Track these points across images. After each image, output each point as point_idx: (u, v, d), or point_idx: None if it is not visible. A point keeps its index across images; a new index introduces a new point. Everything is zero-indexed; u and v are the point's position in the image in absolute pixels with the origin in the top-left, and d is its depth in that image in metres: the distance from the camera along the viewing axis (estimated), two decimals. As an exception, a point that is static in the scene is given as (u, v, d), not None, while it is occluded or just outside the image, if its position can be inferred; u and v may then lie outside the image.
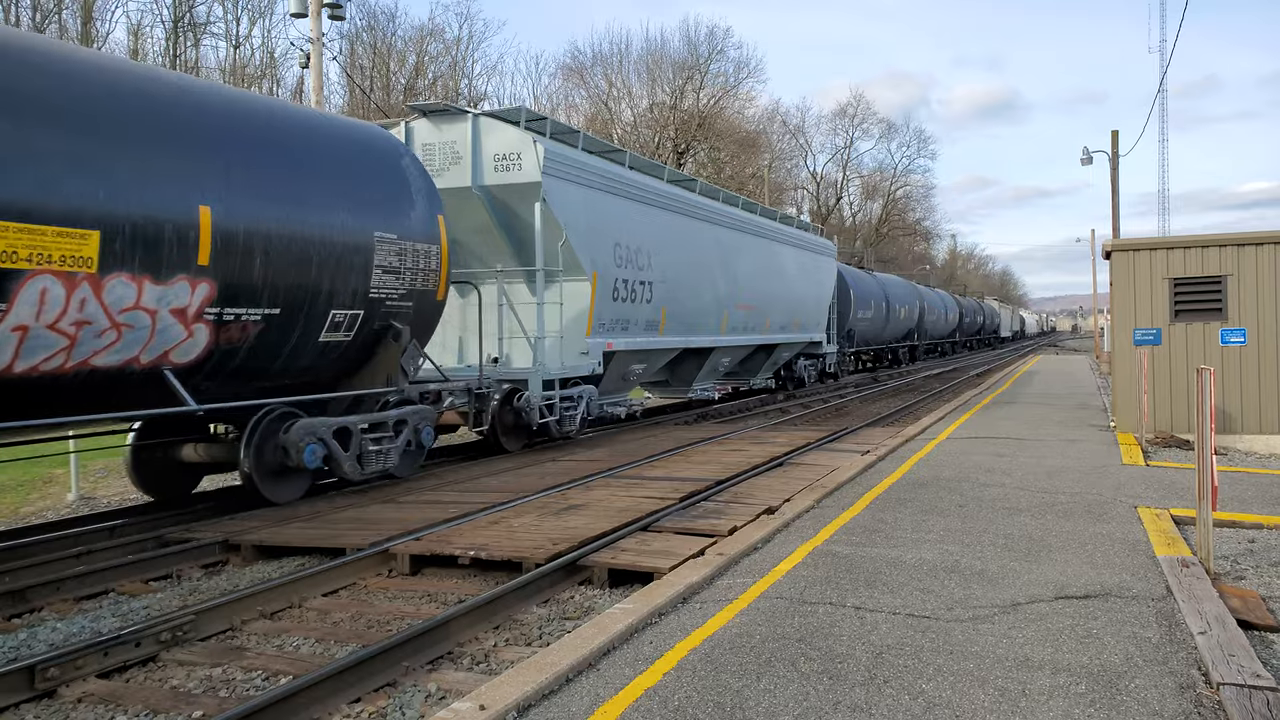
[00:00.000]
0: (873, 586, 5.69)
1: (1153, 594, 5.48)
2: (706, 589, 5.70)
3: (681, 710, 3.94)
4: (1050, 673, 4.30)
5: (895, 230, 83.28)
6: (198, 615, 5.73)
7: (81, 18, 35.92)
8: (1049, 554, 6.43)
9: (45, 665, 4.87)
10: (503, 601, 5.96)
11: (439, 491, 9.58)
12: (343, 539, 7.47)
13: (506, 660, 5.18)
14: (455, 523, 7.90)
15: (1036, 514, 7.76)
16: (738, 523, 7.56)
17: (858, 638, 4.79)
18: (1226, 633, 4.69)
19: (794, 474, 10.28)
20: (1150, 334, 13.02)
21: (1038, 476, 9.65)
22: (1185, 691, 4.06)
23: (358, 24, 42.27)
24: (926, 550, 6.56)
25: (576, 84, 51.21)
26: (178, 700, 4.76)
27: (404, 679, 4.92)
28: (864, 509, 8.03)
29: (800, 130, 70.58)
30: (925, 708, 3.92)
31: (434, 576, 7.02)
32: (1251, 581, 6.08)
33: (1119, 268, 13.27)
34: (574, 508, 8.42)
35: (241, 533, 7.83)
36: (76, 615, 6.36)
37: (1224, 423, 12.41)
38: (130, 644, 5.28)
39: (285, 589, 6.38)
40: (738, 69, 53.79)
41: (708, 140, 50.54)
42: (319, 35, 19.86)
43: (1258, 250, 12.61)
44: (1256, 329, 12.54)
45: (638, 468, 10.92)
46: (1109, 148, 32.22)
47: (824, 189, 74.62)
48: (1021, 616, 5.10)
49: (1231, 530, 7.46)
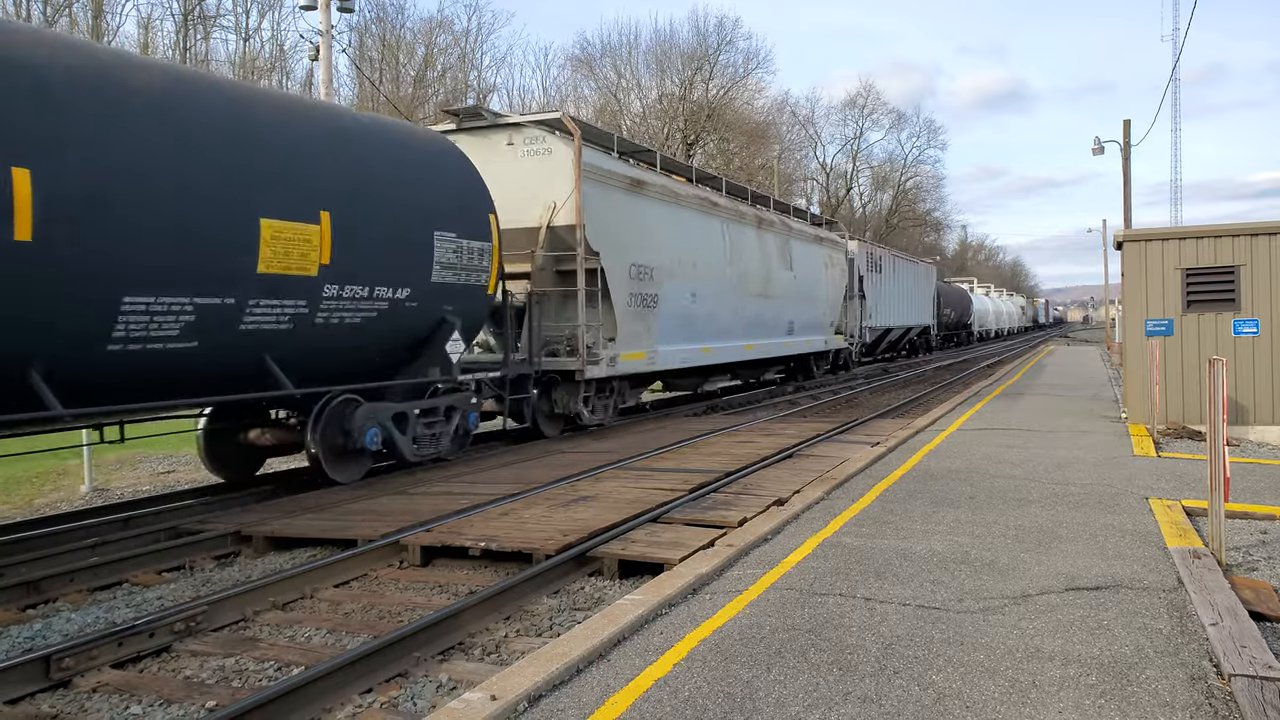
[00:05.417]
0: (882, 578, 5.68)
1: (1164, 585, 5.46)
2: (716, 580, 5.71)
3: (691, 701, 3.95)
4: (1061, 664, 4.29)
5: (905, 221, 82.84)
6: (211, 606, 5.77)
7: (92, 11, 36.00)
8: (1059, 545, 6.41)
9: (60, 655, 4.91)
10: (513, 592, 5.99)
11: (449, 483, 9.61)
12: (354, 530, 7.51)
13: (517, 651, 5.20)
14: (466, 514, 7.93)
15: (1047, 505, 7.74)
16: (747, 514, 7.56)
17: (867, 629, 4.79)
18: (1238, 624, 4.67)
19: (804, 465, 10.27)
20: (1162, 325, 12.94)
21: (1048, 468, 9.62)
22: (1197, 683, 4.05)
23: (367, 16, 42.30)
24: (936, 541, 6.55)
25: (585, 75, 51.11)
26: (191, 690, 4.80)
27: (415, 669, 4.95)
28: (874, 500, 8.02)
29: (810, 121, 70.38)
30: (935, 699, 3.93)
31: (445, 567, 7.05)
32: (1264, 573, 6.05)
33: (1131, 258, 13.19)
34: (584, 499, 8.43)
35: (254, 524, 7.87)
36: (91, 606, 6.41)
37: (1236, 414, 12.34)
38: (144, 634, 5.32)
39: (297, 580, 6.41)
40: (747, 60, 53.57)
41: (717, 131, 50.38)
42: (328, 27, 19.89)
43: (1271, 240, 12.51)
44: (1269, 319, 12.46)
45: (647, 459, 10.92)
46: (1120, 137, 32.02)
47: (834, 180, 74.41)
48: (1032, 608, 5.09)
49: (1244, 521, 7.42)
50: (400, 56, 44.19)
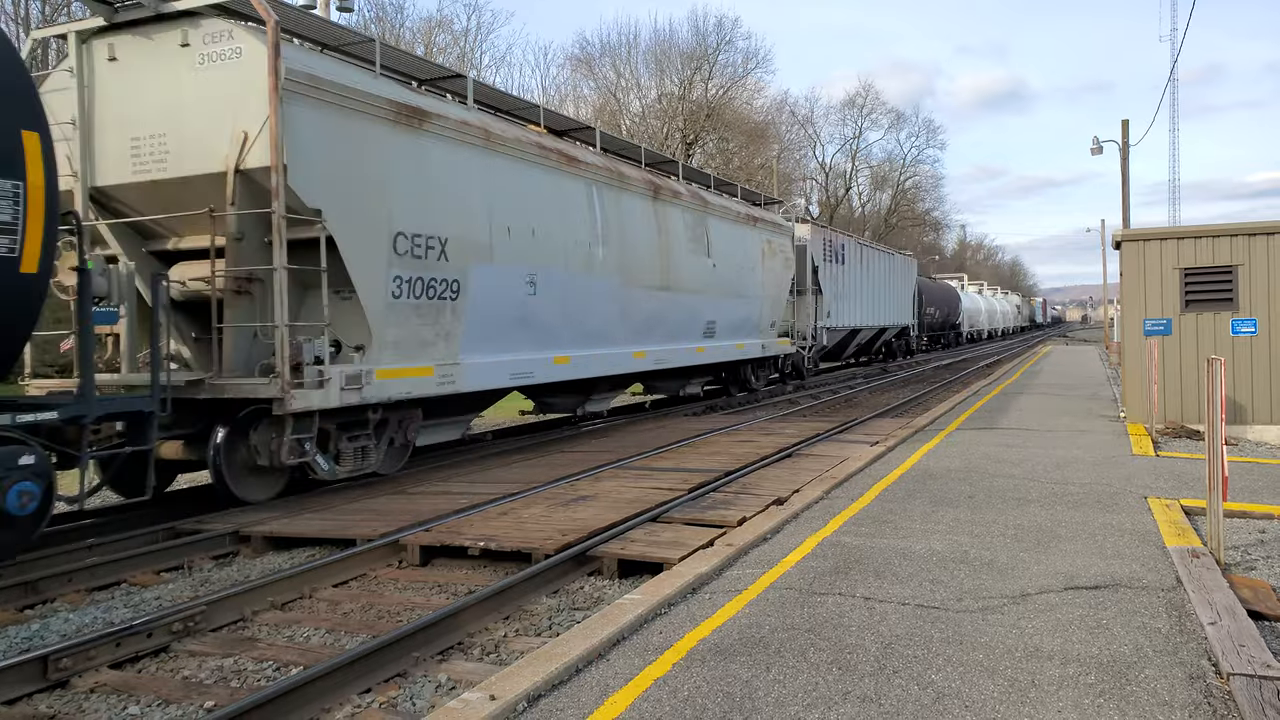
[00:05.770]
0: (882, 577, 5.68)
1: (1163, 584, 5.46)
2: (716, 579, 5.71)
3: (691, 700, 3.94)
4: (1060, 663, 4.29)
5: (904, 221, 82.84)
6: (209, 606, 5.77)
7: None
8: (1058, 544, 6.41)
9: (58, 656, 4.90)
10: (512, 592, 5.98)
11: (449, 482, 9.61)
12: (353, 530, 7.51)
13: (516, 650, 5.19)
14: (465, 514, 7.92)
15: (1046, 505, 7.74)
16: (747, 513, 7.56)
17: (867, 628, 4.79)
18: (1237, 623, 4.67)
19: (803, 465, 10.27)
20: (1160, 324, 12.95)
21: (1047, 467, 9.63)
22: (1195, 682, 4.05)
23: (366, 16, 42.20)
24: (936, 541, 6.55)
25: (585, 75, 51.01)
26: (189, 691, 4.79)
27: (414, 669, 4.94)
28: (873, 500, 8.02)
29: (809, 121, 70.33)
30: (935, 698, 3.92)
31: (444, 567, 7.04)
32: (1262, 572, 6.06)
33: (1129, 258, 13.19)
34: (583, 499, 8.43)
35: (252, 524, 7.86)
36: (88, 606, 6.40)
37: (1234, 413, 12.34)
38: (142, 635, 5.32)
39: (296, 580, 6.41)
40: (746, 59, 53.50)
41: (716, 131, 50.35)
42: (326, 27, 19.77)
43: (1269, 240, 12.51)
44: (1267, 319, 12.46)
45: (646, 459, 10.92)
46: (1119, 137, 32.05)
47: (833, 179, 74.37)
48: (1031, 607, 5.09)
49: (1242, 520, 7.43)
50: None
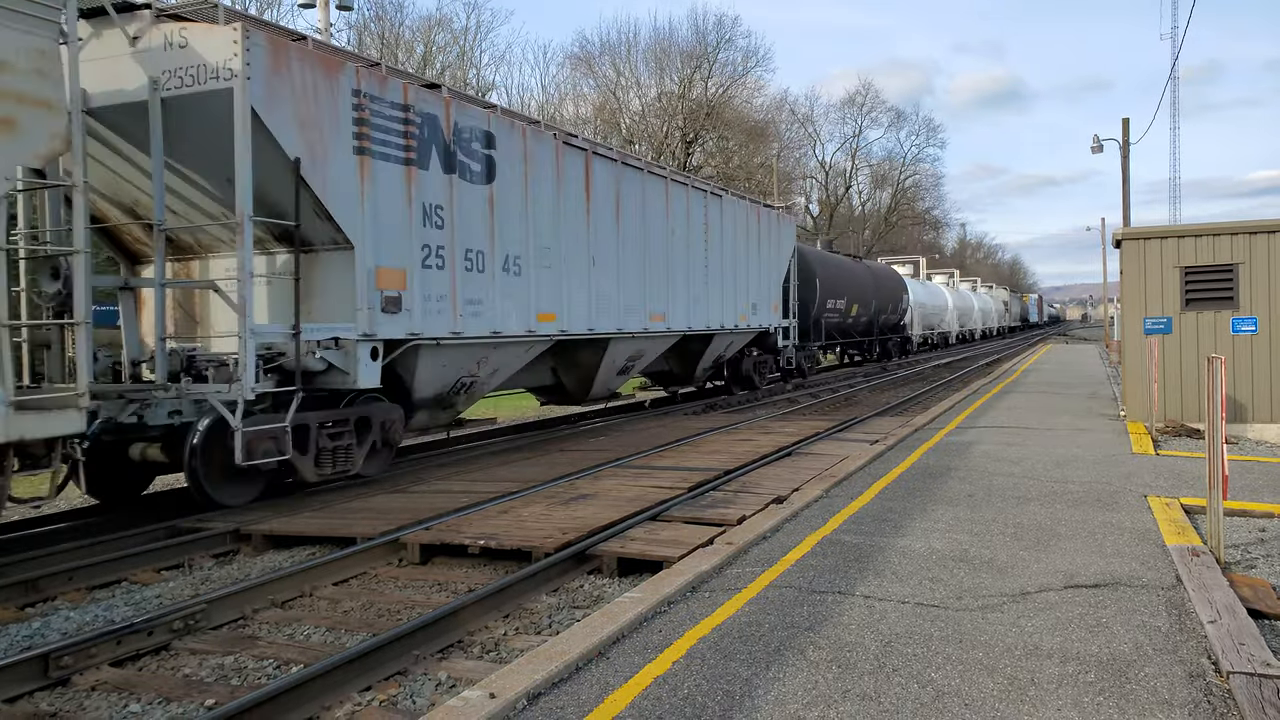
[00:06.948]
0: (881, 575, 5.69)
1: (1162, 583, 5.46)
2: (716, 578, 5.71)
3: (690, 698, 3.95)
4: (1059, 661, 4.29)
5: (904, 219, 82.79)
6: (210, 604, 5.77)
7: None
8: (1058, 543, 6.42)
9: (59, 654, 4.91)
10: (512, 590, 5.99)
11: (448, 481, 9.61)
12: (353, 528, 7.51)
13: (516, 649, 5.20)
14: (465, 512, 7.93)
15: (1046, 503, 7.75)
16: (746, 512, 7.57)
17: (866, 626, 4.79)
18: (1236, 621, 4.68)
19: (803, 463, 10.27)
20: (1161, 323, 12.95)
21: (1047, 466, 9.63)
22: (1195, 680, 4.06)
23: (365, 14, 42.15)
24: (935, 539, 6.55)
25: (584, 73, 50.90)
26: (190, 688, 4.80)
27: (414, 667, 4.95)
28: (873, 498, 8.02)
29: (809, 119, 70.21)
30: (934, 696, 3.93)
31: (444, 565, 7.05)
32: (1262, 570, 6.06)
33: (1130, 256, 13.19)
34: (583, 497, 8.43)
35: (253, 522, 7.87)
36: (89, 604, 6.40)
37: (1235, 411, 12.34)
38: (143, 633, 5.32)
39: (296, 578, 6.41)
40: (746, 58, 53.39)
41: (716, 130, 50.27)
42: (327, 26, 19.85)
43: (1269, 238, 12.51)
44: (1268, 317, 12.46)
45: (646, 457, 10.92)
46: (1119, 135, 32.04)
47: (833, 178, 74.29)
48: (1031, 605, 5.10)
49: (1242, 519, 7.43)
50: (399, 54, 44.08)
